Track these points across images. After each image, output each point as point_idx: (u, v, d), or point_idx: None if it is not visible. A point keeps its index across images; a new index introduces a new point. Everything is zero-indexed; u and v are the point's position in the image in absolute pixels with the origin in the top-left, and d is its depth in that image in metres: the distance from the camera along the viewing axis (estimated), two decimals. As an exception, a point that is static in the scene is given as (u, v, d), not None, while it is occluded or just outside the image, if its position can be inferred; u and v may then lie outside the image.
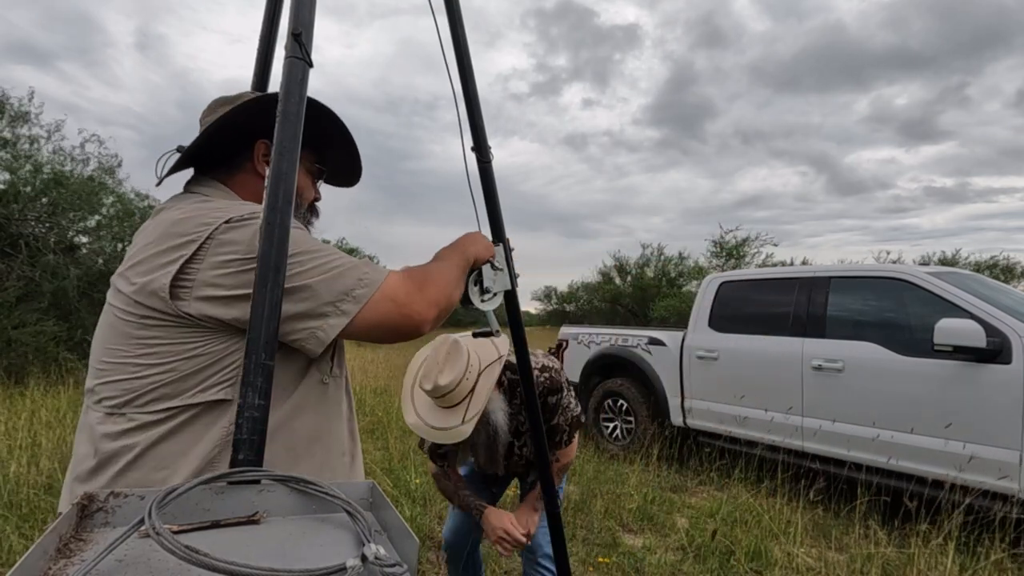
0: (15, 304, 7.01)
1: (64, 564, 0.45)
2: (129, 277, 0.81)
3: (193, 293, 0.78)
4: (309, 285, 0.80)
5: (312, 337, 0.81)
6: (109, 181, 8.92)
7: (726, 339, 4.30)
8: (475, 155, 1.29)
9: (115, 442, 0.78)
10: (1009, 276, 16.79)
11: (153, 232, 0.83)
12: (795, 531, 3.07)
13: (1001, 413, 2.86)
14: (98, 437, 0.79)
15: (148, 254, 0.81)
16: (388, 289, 0.84)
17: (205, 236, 0.78)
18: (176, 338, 0.78)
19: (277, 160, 0.75)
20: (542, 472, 1.41)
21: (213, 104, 1.00)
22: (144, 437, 0.78)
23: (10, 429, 4.51)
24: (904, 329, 3.40)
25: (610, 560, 2.84)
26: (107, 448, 0.78)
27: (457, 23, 1.22)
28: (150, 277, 0.78)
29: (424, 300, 0.88)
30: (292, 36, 0.79)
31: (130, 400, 0.78)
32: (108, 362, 0.81)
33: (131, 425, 0.78)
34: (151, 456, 0.78)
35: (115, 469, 0.78)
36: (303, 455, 0.86)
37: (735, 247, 16.94)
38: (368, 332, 0.84)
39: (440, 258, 1.05)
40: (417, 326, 0.87)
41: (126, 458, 0.78)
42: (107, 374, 0.80)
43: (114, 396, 0.79)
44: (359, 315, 0.82)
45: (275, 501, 0.60)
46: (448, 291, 0.96)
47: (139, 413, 0.78)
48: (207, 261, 0.78)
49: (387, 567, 0.45)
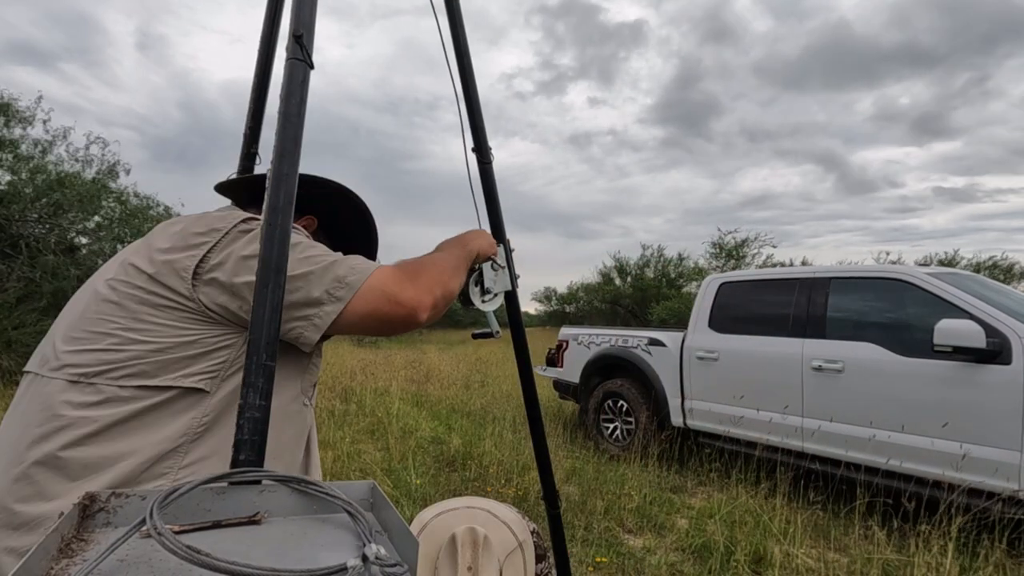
0: (15, 304, 7.01)
1: (66, 564, 0.45)
2: (151, 256, 0.81)
3: (207, 276, 0.79)
4: (303, 274, 0.80)
5: (310, 325, 0.81)
6: (112, 184, 8.94)
7: (726, 340, 4.30)
8: (476, 156, 1.29)
9: (76, 411, 0.73)
10: (1009, 277, 16.79)
11: (177, 223, 0.86)
12: (795, 532, 3.07)
13: (1001, 414, 2.86)
14: (56, 404, 0.74)
15: (175, 241, 0.82)
16: (379, 277, 0.84)
17: (229, 227, 0.82)
18: (176, 321, 0.78)
19: (277, 162, 0.75)
20: (542, 473, 1.41)
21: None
22: (109, 412, 0.74)
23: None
24: (904, 330, 3.40)
25: (610, 560, 2.84)
26: (65, 415, 0.73)
27: (457, 24, 1.22)
28: (175, 257, 0.80)
29: (417, 287, 0.87)
30: (293, 37, 0.79)
31: (105, 371, 0.75)
32: (88, 331, 0.77)
33: (98, 397, 0.74)
34: (111, 433, 0.74)
35: (66, 439, 0.72)
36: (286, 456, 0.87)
37: (735, 248, 16.96)
38: (363, 321, 0.83)
39: (439, 249, 1.05)
40: (411, 313, 0.85)
41: (84, 430, 0.73)
42: (83, 343, 0.77)
43: (86, 365, 0.75)
44: (352, 302, 0.81)
45: (276, 501, 0.60)
46: (444, 279, 0.93)
47: (110, 385, 0.75)
48: (225, 250, 0.80)
49: (388, 567, 0.45)
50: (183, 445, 0.77)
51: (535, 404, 1.40)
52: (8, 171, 7.76)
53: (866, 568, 2.69)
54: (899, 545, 2.95)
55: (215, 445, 0.79)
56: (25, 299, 7.25)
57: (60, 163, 8.40)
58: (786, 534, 3.08)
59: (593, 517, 3.38)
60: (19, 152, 7.93)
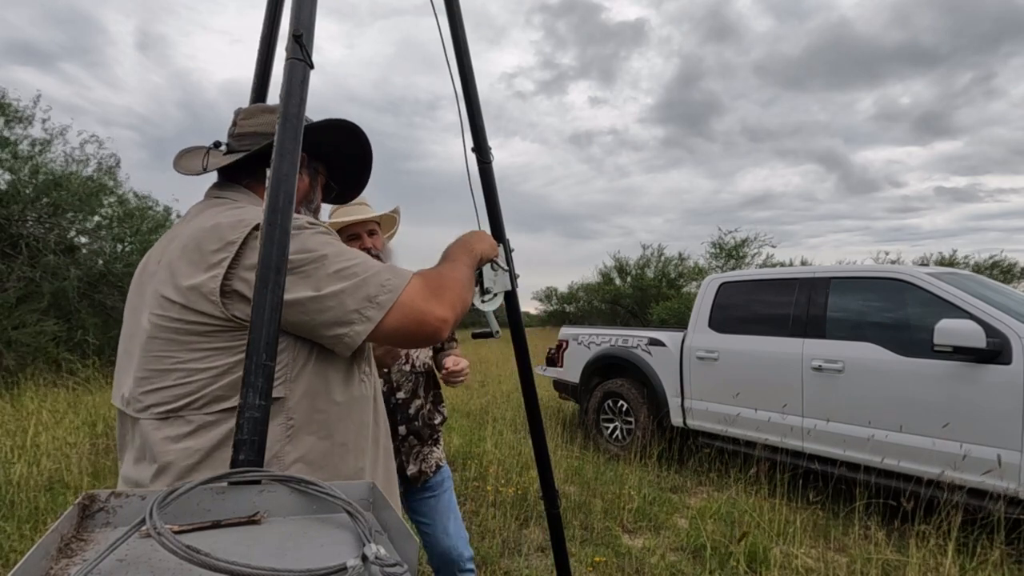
0: (15, 305, 7.01)
1: (66, 564, 0.45)
2: (174, 282, 0.81)
3: (234, 295, 0.79)
4: (334, 293, 0.81)
5: (340, 342, 0.83)
6: (110, 183, 8.93)
7: (726, 340, 4.30)
8: (475, 155, 1.29)
9: (175, 445, 0.78)
10: (1008, 276, 16.79)
11: (190, 238, 0.83)
12: (795, 531, 3.07)
13: (1001, 413, 2.86)
14: (155, 442, 0.79)
15: (190, 259, 0.81)
16: (409, 296, 0.86)
17: (243, 240, 0.81)
18: (226, 341, 0.79)
19: (278, 162, 0.75)
20: (542, 472, 1.41)
21: (253, 108, 1.03)
22: (206, 439, 0.78)
23: (10, 431, 4.52)
24: (904, 330, 3.40)
25: (609, 559, 2.84)
26: (166, 451, 0.78)
27: (457, 23, 1.22)
28: (198, 281, 0.79)
29: (442, 305, 0.90)
30: (293, 37, 0.79)
31: (186, 404, 0.79)
32: (152, 370, 0.81)
33: (190, 428, 0.79)
34: (212, 460, 0.78)
35: (175, 472, 0.78)
36: (352, 448, 0.90)
37: (735, 248, 16.96)
38: (391, 336, 0.86)
39: (450, 258, 1.06)
40: (437, 330, 0.89)
41: (188, 462, 0.78)
42: (152, 382, 0.80)
43: (165, 403, 0.79)
44: (383, 321, 0.83)
45: (276, 501, 0.60)
46: (464, 294, 0.98)
47: (197, 415, 0.79)
48: (243, 264, 0.80)
49: (387, 567, 0.45)
50: (279, 452, 0.81)
51: (535, 404, 1.40)
52: (7, 171, 7.75)
53: (866, 568, 2.69)
54: (899, 545, 2.95)
55: (310, 444, 0.84)
56: (25, 299, 7.24)
57: (56, 159, 8.39)
58: (786, 534, 3.08)
59: (592, 516, 3.38)
60: (18, 152, 7.93)
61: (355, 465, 0.90)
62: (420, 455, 1.83)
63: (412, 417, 1.82)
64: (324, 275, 0.81)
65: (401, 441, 1.80)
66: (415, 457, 1.82)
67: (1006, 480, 2.82)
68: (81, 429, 4.73)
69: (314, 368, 0.85)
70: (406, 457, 1.81)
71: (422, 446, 1.84)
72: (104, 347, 7.84)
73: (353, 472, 0.90)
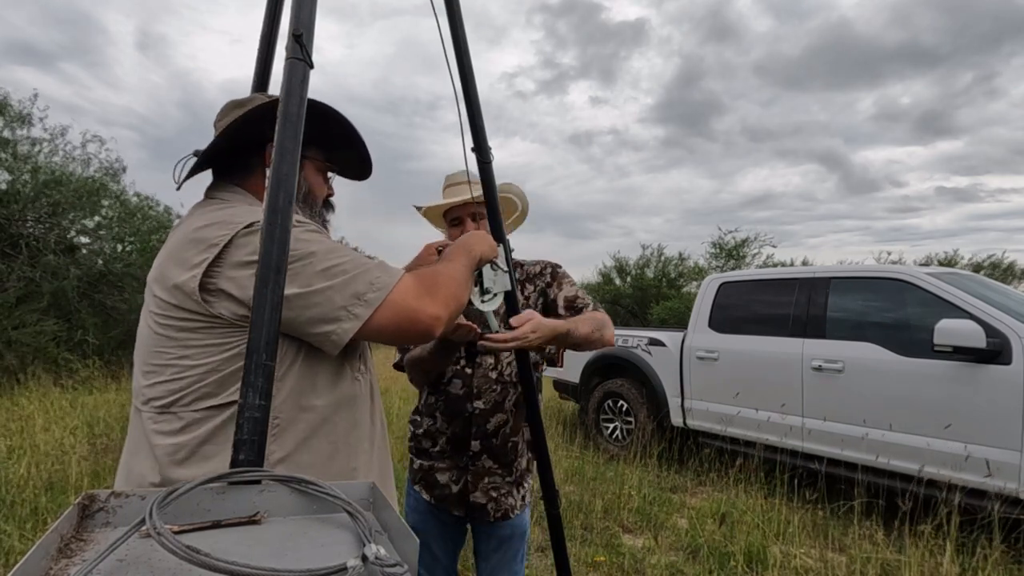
0: (15, 304, 7.01)
1: (65, 564, 0.45)
2: (163, 283, 0.83)
3: (220, 293, 0.80)
4: (321, 290, 0.81)
5: (327, 340, 0.83)
6: (112, 185, 8.92)
7: (726, 340, 4.30)
8: (475, 155, 1.29)
9: (168, 439, 0.82)
10: (1009, 276, 16.78)
11: (181, 239, 0.86)
12: (794, 531, 3.07)
13: (1001, 413, 2.86)
14: (151, 435, 0.83)
15: (177, 259, 0.83)
16: (399, 293, 0.85)
17: (227, 240, 0.81)
18: (216, 338, 0.81)
19: (278, 162, 0.75)
20: (542, 472, 1.41)
21: (226, 107, 1.02)
22: (193, 436, 0.81)
23: (10, 431, 4.52)
24: (904, 330, 3.40)
25: (609, 559, 2.84)
26: (161, 444, 0.82)
27: (458, 24, 1.22)
28: (181, 279, 0.81)
29: (435, 303, 0.89)
30: (293, 37, 0.79)
31: (177, 400, 0.81)
32: (152, 364, 0.84)
33: (180, 424, 0.81)
34: (199, 455, 0.81)
35: (168, 462, 0.81)
36: (342, 448, 0.90)
37: (735, 247, 16.94)
38: (380, 334, 0.86)
39: (448, 258, 1.05)
40: (428, 329, 0.88)
41: (178, 456, 0.81)
42: (152, 376, 0.84)
43: (160, 397, 0.82)
44: (371, 319, 0.83)
45: (276, 501, 0.60)
46: (458, 293, 0.97)
47: (186, 411, 0.81)
48: (228, 262, 0.81)
49: (388, 567, 0.45)
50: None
51: (535, 404, 1.39)
52: (7, 171, 7.75)
53: (865, 568, 2.69)
54: (898, 545, 2.95)
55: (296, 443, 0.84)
56: (25, 299, 7.24)
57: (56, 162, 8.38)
58: (785, 534, 3.08)
59: (592, 516, 3.38)
60: (18, 151, 7.93)
61: (346, 464, 0.90)
62: (491, 486, 1.51)
63: (490, 433, 1.50)
64: (312, 272, 0.81)
65: (472, 459, 1.50)
66: (484, 486, 1.50)
67: (1006, 480, 2.82)
68: (81, 429, 4.73)
69: (302, 367, 0.85)
70: (472, 479, 1.50)
71: (498, 476, 1.52)
72: (104, 347, 7.84)
73: (344, 471, 0.89)
